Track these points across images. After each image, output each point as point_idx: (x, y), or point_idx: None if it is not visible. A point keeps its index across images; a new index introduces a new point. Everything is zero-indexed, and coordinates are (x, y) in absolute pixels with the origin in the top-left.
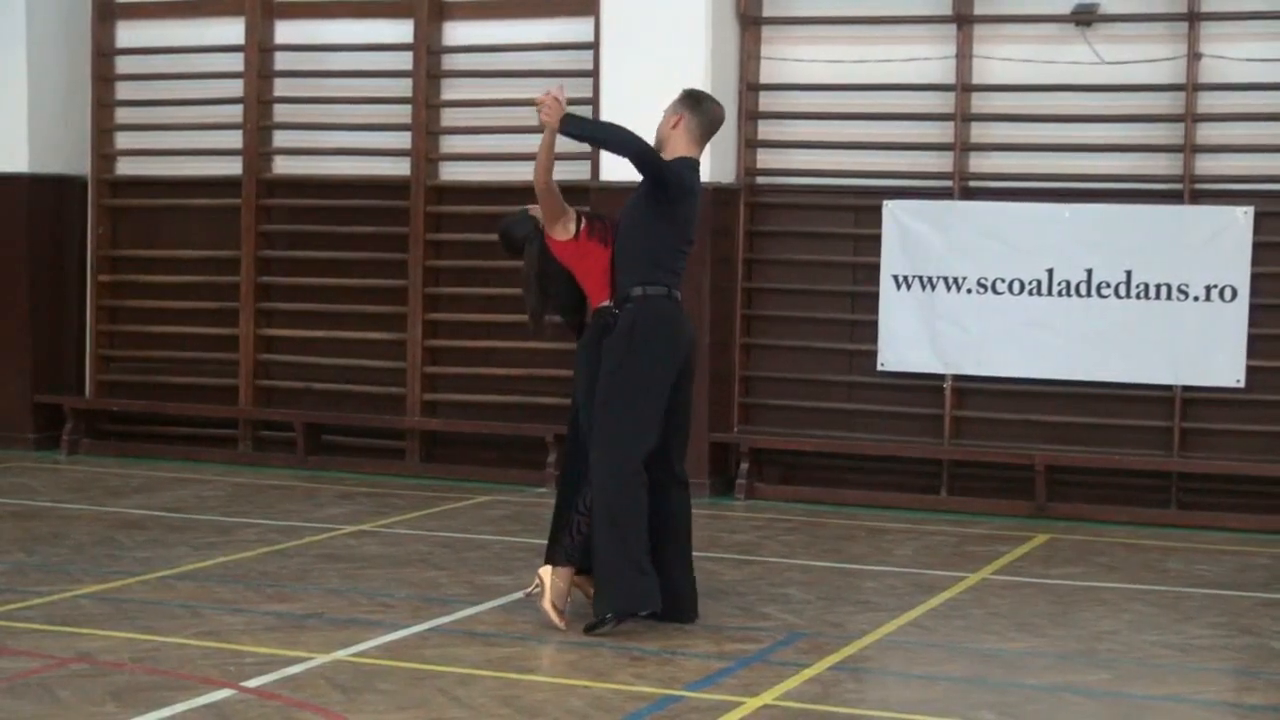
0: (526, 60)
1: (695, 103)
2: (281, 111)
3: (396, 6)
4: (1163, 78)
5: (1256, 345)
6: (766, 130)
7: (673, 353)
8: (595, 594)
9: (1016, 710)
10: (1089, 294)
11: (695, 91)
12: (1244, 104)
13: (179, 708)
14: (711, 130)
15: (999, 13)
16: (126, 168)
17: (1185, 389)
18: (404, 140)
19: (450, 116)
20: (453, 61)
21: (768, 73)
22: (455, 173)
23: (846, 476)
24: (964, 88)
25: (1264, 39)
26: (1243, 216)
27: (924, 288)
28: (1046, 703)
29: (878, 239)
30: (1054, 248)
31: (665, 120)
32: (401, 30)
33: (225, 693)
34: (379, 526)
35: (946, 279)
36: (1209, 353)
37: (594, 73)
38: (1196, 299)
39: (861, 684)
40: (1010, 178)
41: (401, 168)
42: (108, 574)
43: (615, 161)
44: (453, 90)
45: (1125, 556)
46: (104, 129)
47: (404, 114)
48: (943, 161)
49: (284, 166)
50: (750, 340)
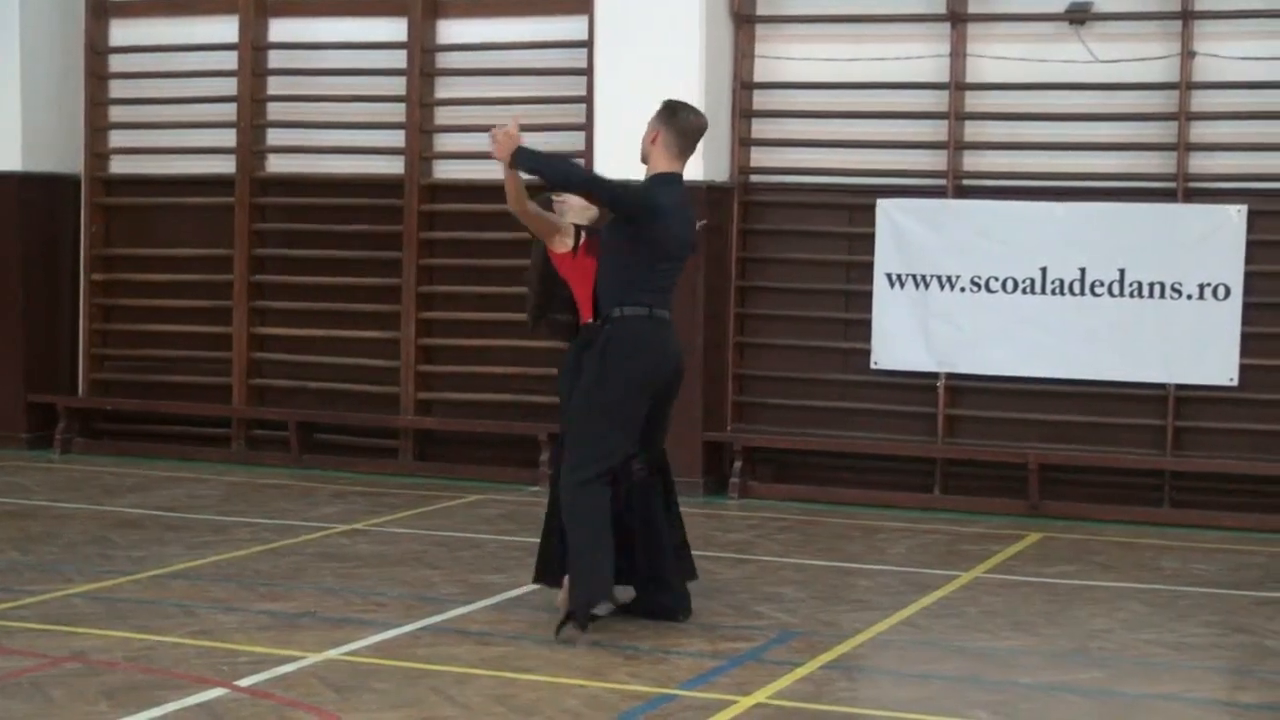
0: (520, 58)
1: (670, 115)
2: (275, 110)
3: (390, 4)
4: (1156, 76)
5: (1250, 344)
6: (760, 128)
7: (646, 374)
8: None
9: (1010, 709)
10: (1082, 292)
11: (672, 103)
12: (1237, 103)
13: (172, 707)
14: (689, 141)
15: (993, 11)
16: (120, 166)
17: (1179, 387)
18: (398, 139)
19: (444, 115)
20: (446, 60)
21: (761, 71)
22: (449, 171)
23: (840, 475)
24: (958, 86)
25: (1257, 37)
26: (1236, 215)
27: (918, 286)
28: (1040, 701)
29: (871, 237)
30: (1047, 246)
31: (645, 135)
32: (395, 28)
33: (218, 692)
34: (372, 525)
35: (940, 277)
36: (1202, 351)
37: (588, 71)
38: (1190, 297)
39: (855, 683)
40: (1004, 176)
41: (395, 166)
42: (101, 573)
43: (606, 160)
44: (446, 89)
45: (1119, 555)
46: (97, 127)
47: (398, 112)
48: (936, 160)
49: (277, 165)
50: (744, 339)
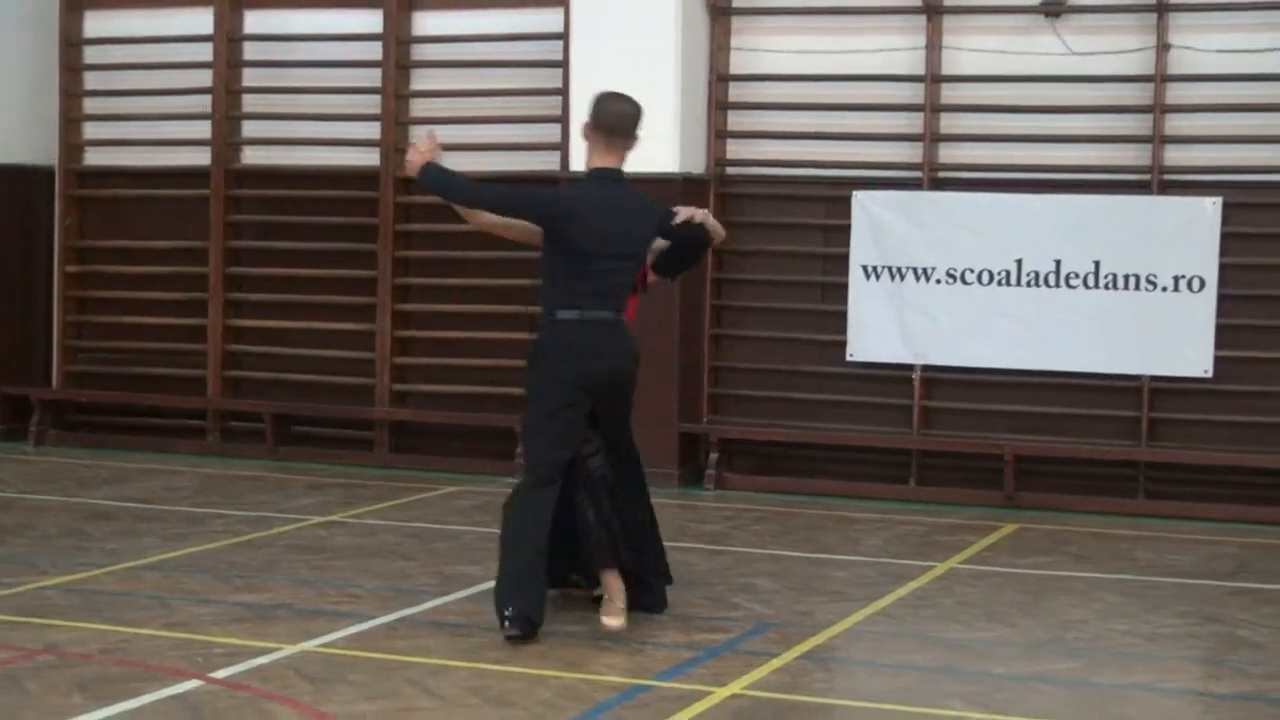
0: (496, 51)
1: (594, 106)
2: (250, 102)
3: None
4: (1131, 69)
5: (1224, 335)
6: (736, 121)
7: (577, 378)
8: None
9: (985, 699)
10: (1058, 284)
11: (599, 93)
12: (1212, 95)
13: (147, 699)
14: (615, 131)
15: (968, 4)
16: (94, 158)
17: (1154, 379)
18: (373, 130)
19: (419, 107)
20: (422, 52)
21: (738, 63)
22: None
23: (816, 467)
24: (933, 78)
25: (1232, 30)
26: (1211, 207)
27: (893, 278)
28: (1015, 692)
29: (847, 229)
30: (1023, 238)
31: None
32: (370, 20)
33: (193, 684)
34: (348, 517)
35: (916, 269)
36: (1177, 343)
37: (564, 63)
38: (1165, 289)
39: (830, 673)
40: (979, 168)
41: (371, 158)
42: (75, 565)
43: (582, 153)
44: (422, 81)
45: (1094, 546)
46: (71, 119)
47: (373, 104)
48: (912, 152)
49: (253, 157)
50: (720, 331)
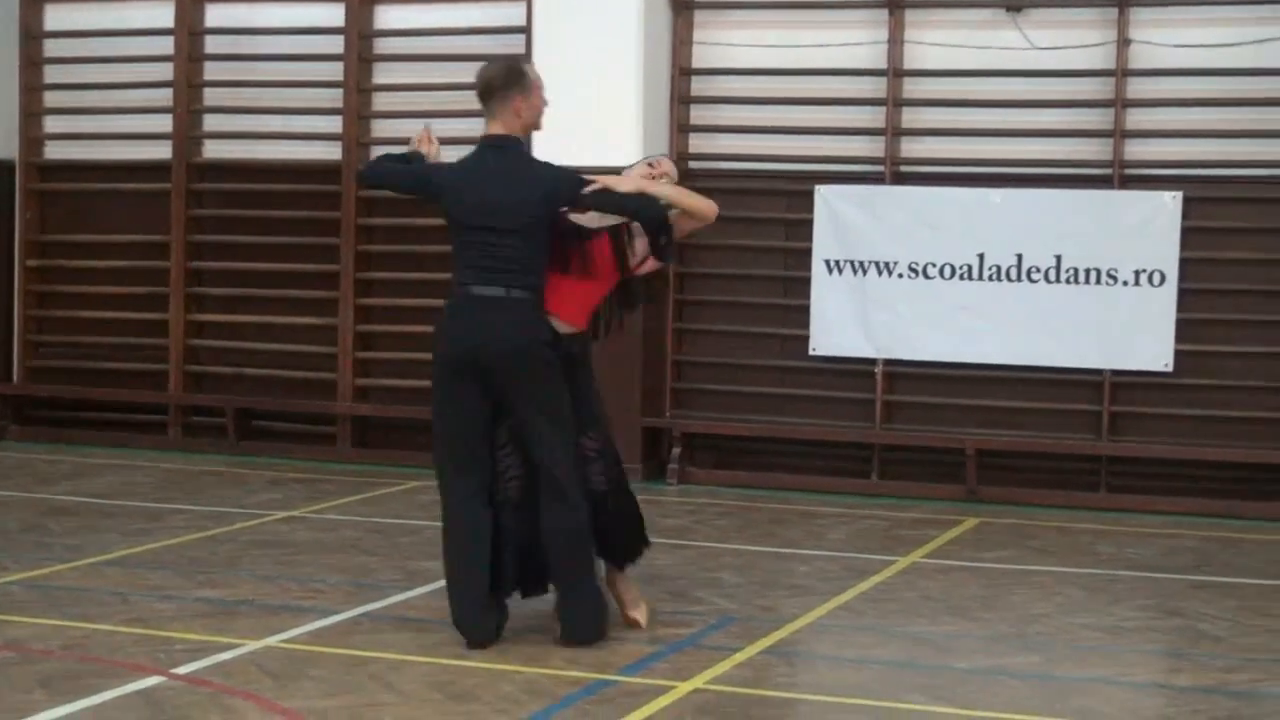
0: (458, 44)
1: None
2: (212, 95)
3: None
4: (1093, 63)
5: (1185, 330)
6: (699, 115)
7: (446, 358)
8: None
9: (947, 693)
10: (1019, 278)
11: None
12: (1173, 89)
13: (108, 695)
14: (483, 99)
15: None
16: (55, 151)
17: (1115, 373)
18: (335, 124)
19: (381, 101)
20: (384, 45)
21: (700, 57)
22: None
23: (779, 461)
24: (895, 73)
25: (1192, 24)
26: (1171, 201)
27: (855, 272)
28: (977, 685)
29: (809, 224)
30: (985, 232)
31: None
32: (332, 14)
33: (155, 680)
34: (310, 512)
35: (878, 263)
36: (1138, 337)
37: (526, 57)
38: (1126, 283)
39: (793, 668)
40: (941, 162)
41: (333, 152)
42: (36, 561)
43: (543, 146)
44: (384, 74)
45: (1055, 540)
46: (32, 113)
47: (335, 98)
48: (874, 146)
49: (214, 151)
50: (682, 325)
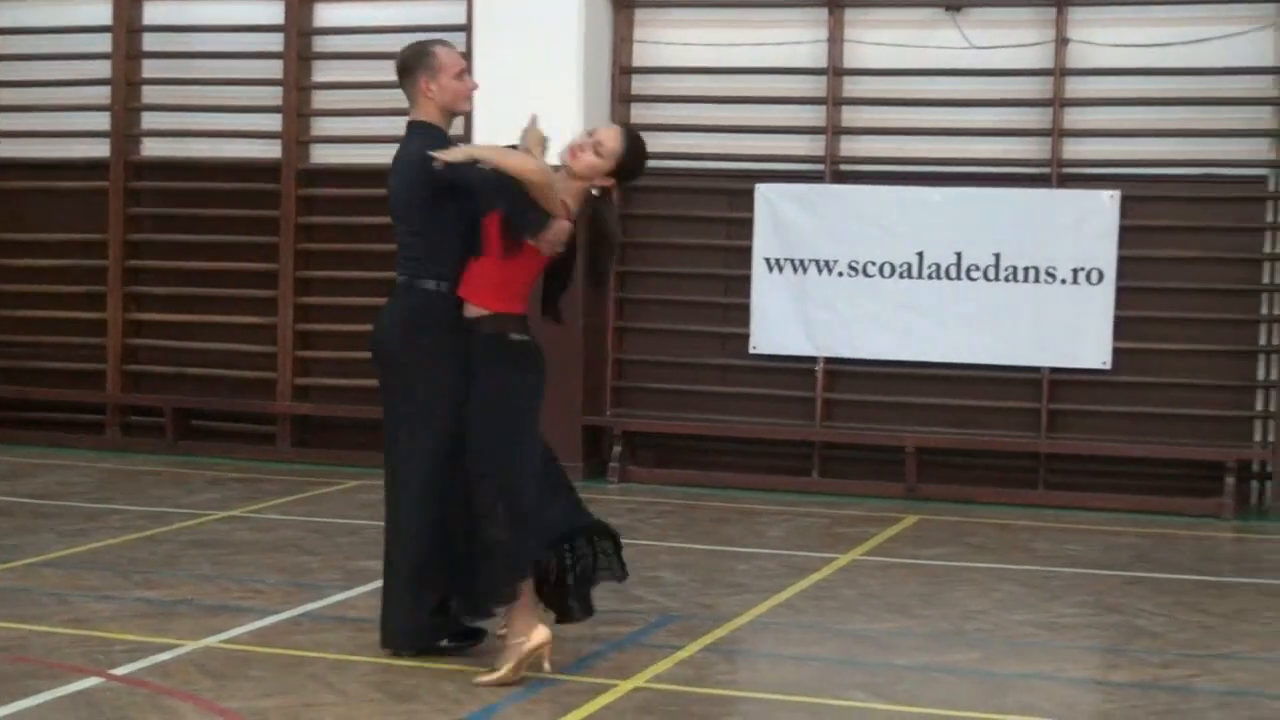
0: (398, 42)
1: None
2: (150, 93)
3: None
4: (1031, 63)
5: (1122, 327)
6: (639, 113)
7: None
8: None
9: (886, 690)
10: (959, 277)
11: None
12: (1110, 89)
13: (46, 696)
14: (400, 85)
15: None
16: None
17: (1053, 371)
18: (274, 123)
19: (321, 99)
20: (323, 43)
21: (641, 56)
22: (326, 156)
23: (719, 459)
24: (835, 72)
25: (1129, 24)
26: (1109, 200)
27: (796, 271)
28: (916, 682)
29: (750, 222)
30: (924, 231)
31: None
32: (272, 11)
33: (93, 681)
34: (250, 512)
35: (818, 262)
36: (1076, 335)
37: (466, 56)
38: (1064, 282)
39: (733, 665)
40: (881, 161)
41: (272, 150)
42: None
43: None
44: (323, 73)
45: (994, 537)
46: None
47: (274, 96)
48: (814, 145)
49: (153, 149)
50: (623, 324)
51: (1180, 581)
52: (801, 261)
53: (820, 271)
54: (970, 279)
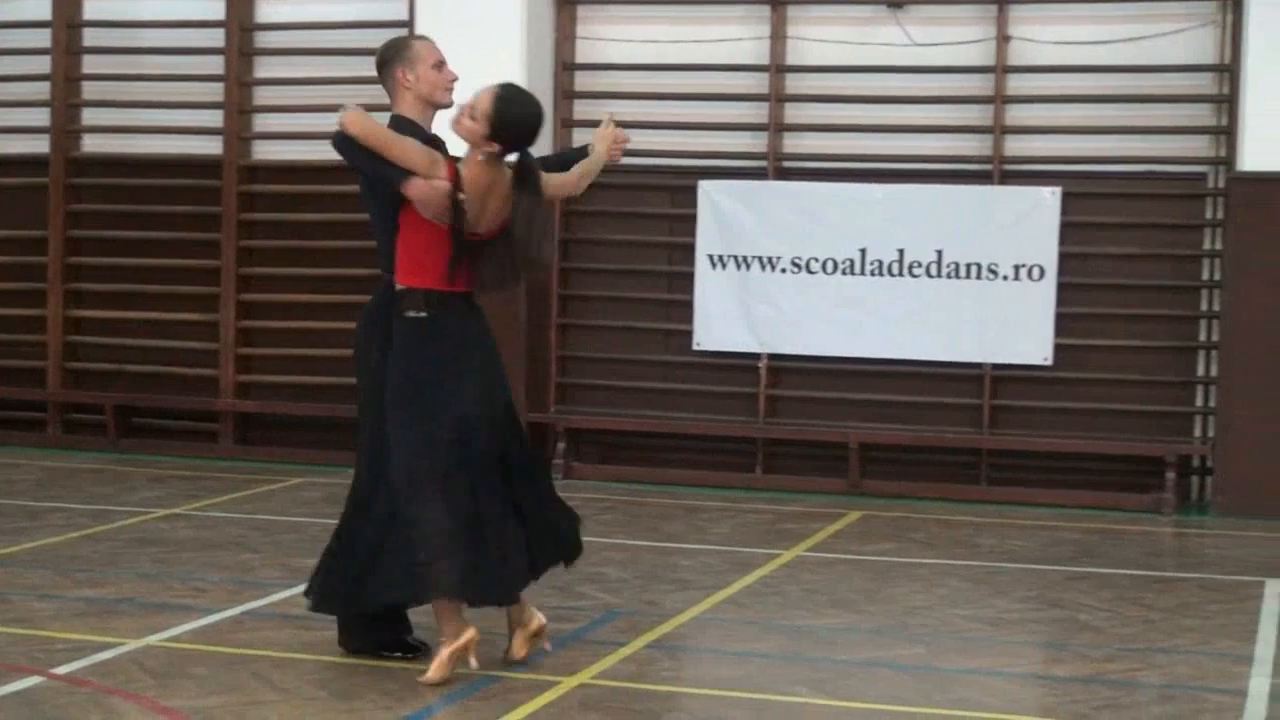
0: (341, 38)
1: None
2: (90, 89)
3: None
4: (973, 60)
5: (1064, 324)
6: (582, 110)
7: None
8: None
9: (830, 686)
10: (901, 273)
11: None
12: (1051, 86)
13: None
14: (380, 81)
15: None
16: None
17: (995, 367)
18: (216, 119)
19: (263, 95)
20: (265, 39)
21: (584, 52)
22: (268, 152)
23: (663, 456)
24: (778, 69)
25: (1070, 21)
26: (1050, 197)
27: (739, 267)
28: (860, 678)
29: (693, 219)
30: (867, 227)
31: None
32: (213, 6)
33: (34, 680)
34: (192, 510)
35: (761, 258)
36: (1018, 331)
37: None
38: (1006, 278)
39: (678, 662)
40: (824, 158)
41: (213, 146)
42: None
43: None
44: (265, 68)
45: (938, 532)
46: None
47: (216, 92)
48: (757, 142)
49: (93, 145)
50: (566, 320)
51: (1122, 576)
52: (744, 258)
53: (763, 268)
54: (912, 275)
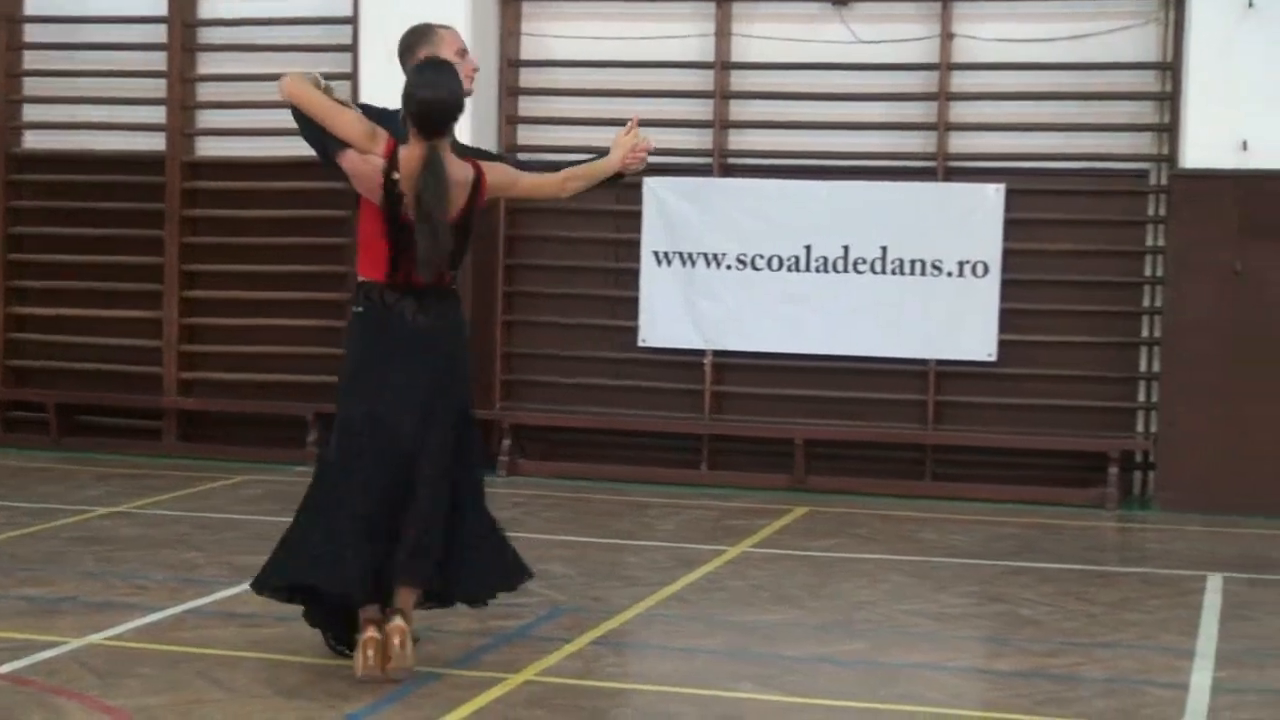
0: (284, 34)
1: None
2: (32, 85)
3: None
4: (917, 57)
5: (1007, 320)
6: (527, 107)
7: None
8: None
9: (775, 681)
10: (846, 270)
11: None
12: (995, 83)
13: None
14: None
15: None
16: None
17: (939, 363)
18: (158, 115)
19: (206, 91)
20: (208, 35)
21: (529, 49)
22: (211, 148)
23: (609, 452)
24: (723, 65)
25: (1013, 19)
26: (994, 194)
27: (684, 264)
28: (804, 673)
29: (638, 215)
30: (812, 224)
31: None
32: (156, 2)
33: None
34: (135, 508)
35: (706, 255)
36: (962, 327)
37: (352, 47)
38: (950, 275)
39: (623, 658)
40: (769, 155)
41: (156, 143)
42: None
43: None
44: (209, 65)
45: (882, 528)
46: None
47: (158, 88)
48: (702, 139)
49: (34, 141)
50: (511, 317)
51: (1064, 571)
52: (690, 255)
53: (708, 265)
54: (857, 272)
